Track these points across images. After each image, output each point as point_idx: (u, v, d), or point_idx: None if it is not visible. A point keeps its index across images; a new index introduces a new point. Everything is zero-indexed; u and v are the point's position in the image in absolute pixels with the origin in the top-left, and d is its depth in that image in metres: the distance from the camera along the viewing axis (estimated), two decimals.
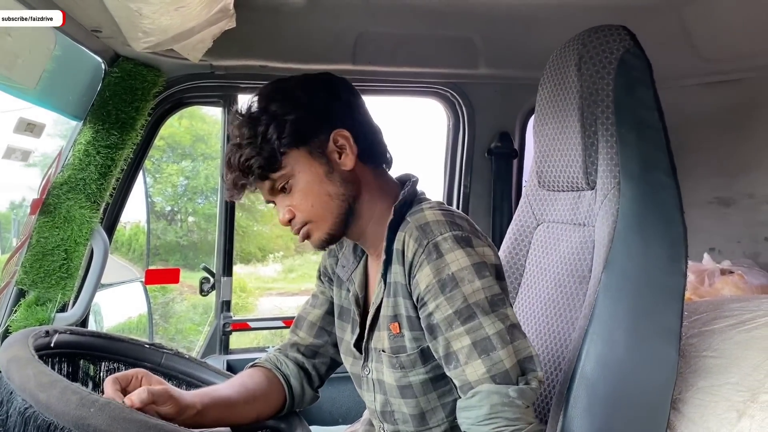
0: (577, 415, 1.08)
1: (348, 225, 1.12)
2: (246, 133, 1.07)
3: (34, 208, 1.60)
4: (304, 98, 1.10)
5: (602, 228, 1.18)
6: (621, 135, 1.19)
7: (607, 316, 1.10)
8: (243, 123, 1.09)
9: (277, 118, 1.07)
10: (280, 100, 1.09)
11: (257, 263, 10.45)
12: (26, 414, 0.90)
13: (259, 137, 1.06)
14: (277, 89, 1.11)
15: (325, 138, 1.10)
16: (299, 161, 1.08)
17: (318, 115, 1.10)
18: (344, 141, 1.10)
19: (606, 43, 1.21)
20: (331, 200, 1.10)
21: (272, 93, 1.11)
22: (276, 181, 1.09)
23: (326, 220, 1.10)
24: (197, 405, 1.04)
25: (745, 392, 1.11)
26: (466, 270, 0.99)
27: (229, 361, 1.99)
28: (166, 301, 7.73)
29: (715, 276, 1.86)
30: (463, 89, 2.13)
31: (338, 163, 1.10)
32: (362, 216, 1.13)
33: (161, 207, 9.66)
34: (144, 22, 1.15)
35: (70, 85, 1.56)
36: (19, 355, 0.98)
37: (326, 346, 1.29)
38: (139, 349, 1.27)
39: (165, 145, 9.12)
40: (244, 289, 8.88)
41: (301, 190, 1.09)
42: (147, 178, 9.11)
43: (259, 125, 1.07)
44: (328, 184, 1.09)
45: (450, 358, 0.99)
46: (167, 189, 9.61)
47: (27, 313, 1.58)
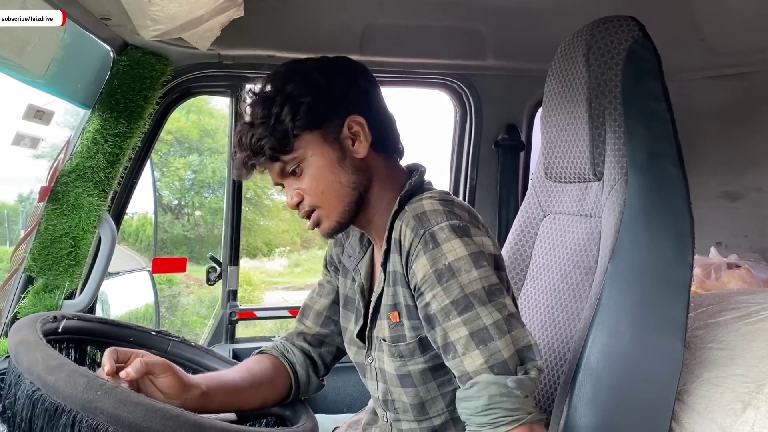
0: (582, 405, 1.09)
1: (357, 214, 1.11)
2: (259, 112, 1.05)
3: (42, 196, 1.61)
4: (322, 81, 1.08)
5: (609, 219, 1.18)
6: (629, 126, 1.18)
7: (612, 307, 1.10)
8: (257, 102, 1.07)
9: (292, 99, 1.05)
10: (297, 81, 1.07)
11: (263, 257, 10.49)
12: (34, 397, 0.91)
13: (273, 117, 1.04)
14: (295, 70, 1.09)
15: (339, 123, 1.08)
16: (312, 145, 1.07)
17: (334, 100, 1.08)
18: (359, 128, 1.09)
19: (614, 34, 1.21)
20: (342, 188, 1.09)
21: (289, 73, 1.09)
22: (287, 164, 1.07)
23: (336, 208, 1.09)
24: (202, 386, 1.05)
25: (751, 383, 1.11)
26: (462, 260, 0.98)
27: (235, 350, 2.00)
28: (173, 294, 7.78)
29: (721, 270, 1.85)
30: (470, 81, 2.12)
31: (351, 150, 1.09)
32: (371, 205, 1.12)
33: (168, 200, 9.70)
34: (153, 9, 1.16)
35: (78, 73, 1.56)
36: (27, 338, 0.99)
37: (332, 336, 1.29)
38: (145, 336, 1.28)
39: (173, 139, 9.15)
40: (250, 282, 8.92)
41: (312, 174, 1.08)
42: (155, 172, 9.16)
43: (274, 105, 1.05)
44: (339, 171, 1.08)
45: (448, 349, 0.98)
46: (174, 183, 9.65)
47: (35, 299, 1.60)
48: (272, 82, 1.08)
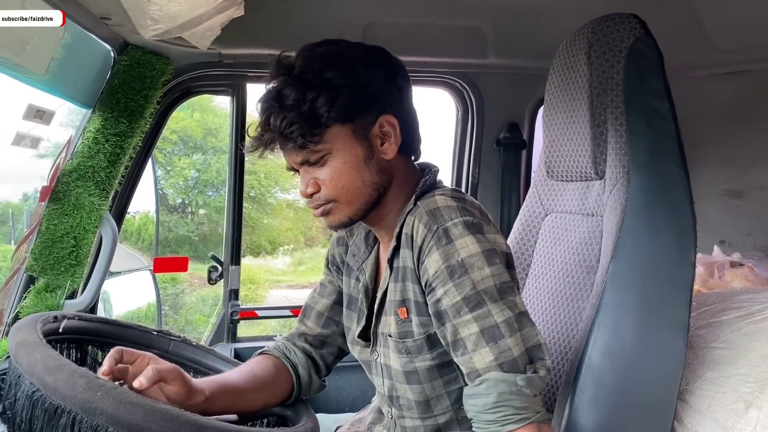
0: (584, 404, 1.08)
1: (369, 212, 1.10)
2: (293, 94, 1.00)
3: (43, 196, 1.61)
4: (364, 74, 1.03)
5: (610, 218, 1.18)
6: (630, 124, 1.18)
7: (614, 306, 1.10)
8: (290, 82, 1.01)
9: (331, 88, 1.00)
10: (338, 68, 1.01)
11: (267, 256, 10.51)
12: (34, 397, 0.91)
13: (307, 103, 0.99)
14: (337, 55, 1.04)
15: (371, 120, 1.05)
16: (341, 138, 1.03)
17: (372, 95, 1.04)
18: (390, 128, 1.06)
19: (616, 32, 1.20)
20: (364, 187, 1.06)
21: (330, 58, 1.03)
22: (312, 154, 1.03)
23: (351, 205, 1.07)
24: (206, 392, 1.05)
25: (753, 383, 1.10)
26: (475, 256, 0.97)
27: (236, 349, 2.00)
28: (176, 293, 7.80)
29: (724, 268, 1.84)
30: (472, 79, 2.12)
31: (379, 150, 1.06)
32: (386, 205, 1.11)
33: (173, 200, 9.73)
34: (152, 9, 1.15)
35: (79, 72, 1.56)
36: (27, 339, 0.98)
37: (334, 336, 1.28)
38: (147, 336, 1.28)
39: (177, 138, 9.17)
40: (253, 281, 8.93)
41: (336, 168, 1.04)
42: (159, 171, 9.13)
43: (309, 90, 1.00)
44: (364, 170, 1.05)
45: (457, 345, 0.98)
46: (179, 182, 9.67)
47: (36, 299, 1.60)
48: (309, 61, 1.02)
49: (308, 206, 1.10)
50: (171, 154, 9.51)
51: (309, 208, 1.12)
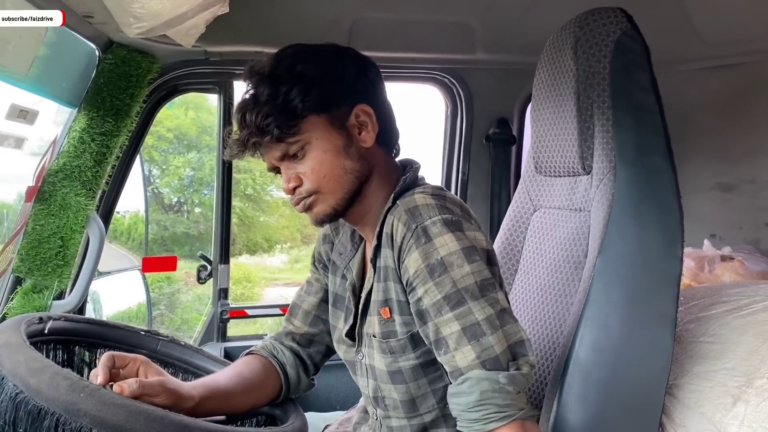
0: (572, 400, 1.08)
1: (352, 205, 1.09)
2: (266, 90, 1.02)
3: (29, 196, 1.60)
4: (335, 65, 1.06)
5: (598, 213, 1.17)
6: (617, 119, 1.17)
7: (601, 301, 1.10)
8: (263, 80, 1.03)
9: (303, 80, 1.02)
10: (309, 62, 1.04)
11: (264, 254, 10.49)
12: (17, 399, 0.90)
13: (281, 97, 1.01)
14: (306, 51, 1.06)
15: (347, 110, 1.06)
16: (318, 128, 1.04)
17: (345, 86, 1.06)
18: (366, 117, 1.08)
19: (602, 26, 1.20)
20: (345, 174, 1.06)
21: (300, 54, 1.06)
22: (291, 146, 1.04)
23: (335, 194, 1.07)
24: (195, 398, 1.03)
25: (741, 377, 1.10)
26: (455, 254, 0.97)
27: (226, 349, 2.00)
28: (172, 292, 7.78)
29: (715, 262, 1.84)
30: (460, 75, 2.11)
31: (357, 139, 1.07)
32: (367, 198, 1.10)
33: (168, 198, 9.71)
34: (134, 6, 1.14)
35: (64, 71, 1.55)
36: (10, 340, 0.98)
37: (321, 335, 1.27)
38: (135, 336, 1.27)
39: (172, 137, 9.15)
40: (249, 279, 8.92)
41: (316, 158, 1.05)
42: (154, 170, 9.09)
43: (282, 84, 1.01)
44: (344, 158, 1.06)
45: (440, 344, 0.98)
46: (174, 181, 9.65)
47: (24, 300, 1.59)
48: (280, 61, 1.05)
49: (291, 202, 1.10)
50: (166, 153, 9.49)
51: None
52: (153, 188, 9.67)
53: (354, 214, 1.12)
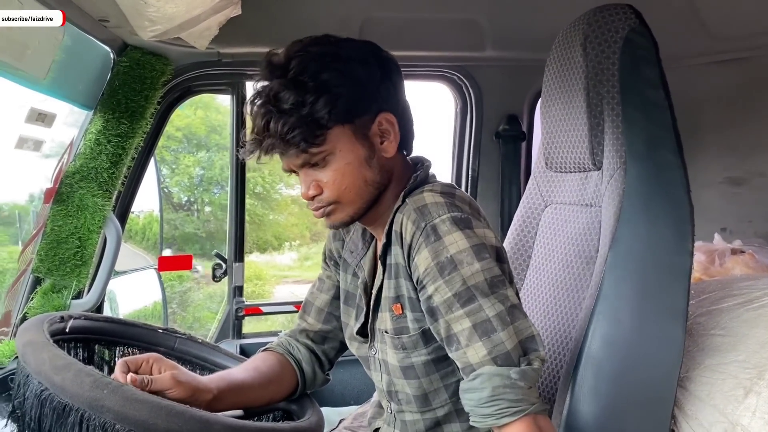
0: (584, 394, 1.09)
1: (369, 210, 1.10)
2: (291, 98, 0.98)
3: (47, 197, 1.62)
4: (361, 73, 1.02)
5: (608, 208, 1.18)
6: (627, 114, 1.18)
7: (613, 296, 1.11)
8: (287, 85, 0.99)
9: (330, 90, 0.99)
10: (335, 69, 1.00)
11: (273, 251, 10.51)
12: (42, 396, 0.92)
13: (307, 107, 0.98)
14: (333, 55, 1.02)
15: (370, 119, 1.05)
16: (342, 139, 1.02)
17: (370, 94, 1.04)
18: (389, 126, 1.06)
19: (611, 23, 1.21)
20: (365, 186, 1.06)
21: (326, 58, 1.01)
22: (313, 156, 1.02)
23: (353, 204, 1.06)
24: (213, 390, 1.05)
25: (752, 369, 1.11)
26: (464, 252, 0.98)
27: (242, 345, 2.02)
28: (184, 290, 7.80)
29: (725, 256, 1.84)
30: (470, 72, 2.12)
31: (379, 149, 1.06)
32: (383, 203, 1.10)
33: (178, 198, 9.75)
34: (149, 11, 1.16)
35: (79, 74, 1.57)
36: (34, 339, 1.00)
37: (335, 331, 1.28)
38: (152, 334, 1.30)
39: (182, 136, 9.18)
40: (260, 277, 8.94)
41: (338, 169, 1.03)
42: (164, 170, 9.08)
43: (308, 93, 0.98)
44: (366, 169, 1.05)
45: (451, 341, 0.99)
46: (184, 180, 9.68)
47: (43, 300, 1.62)
48: (304, 63, 1.00)
49: (309, 208, 1.09)
50: (176, 152, 9.52)
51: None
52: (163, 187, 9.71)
53: (368, 217, 1.12)
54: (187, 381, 1.01)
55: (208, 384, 1.06)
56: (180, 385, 0.99)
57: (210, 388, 1.05)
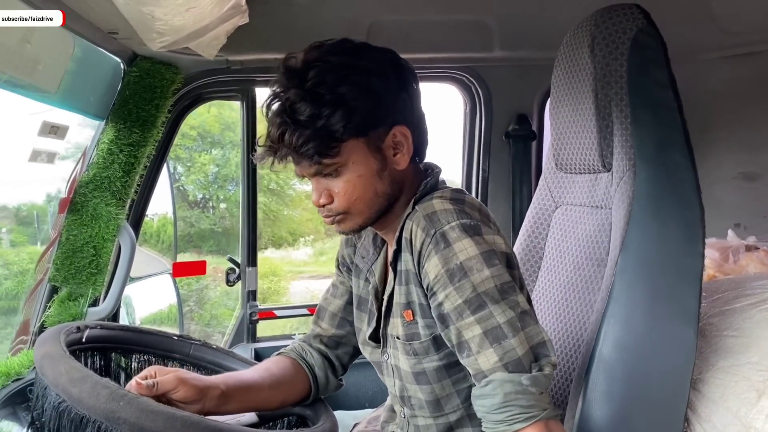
0: (596, 398, 1.09)
1: (379, 219, 1.11)
2: (307, 110, 0.98)
3: (62, 207, 1.65)
4: (379, 86, 1.02)
5: (618, 210, 1.18)
6: (635, 116, 1.18)
7: (624, 298, 1.10)
8: (304, 97, 0.98)
9: (346, 104, 0.99)
10: (353, 82, 1.00)
11: (288, 247, 10.55)
12: (60, 408, 0.94)
13: (323, 120, 0.98)
14: (352, 67, 1.01)
15: (384, 131, 1.05)
16: (356, 152, 1.03)
17: (386, 107, 1.03)
18: (403, 139, 1.06)
19: (619, 23, 1.20)
20: (376, 198, 1.07)
21: (345, 70, 1.00)
22: (326, 167, 1.03)
23: (362, 215, 1.07)
24: (221, 386, 1.06)
25: (765, 372, 1.10)
26: (474, 259, 0.98)
27: (256, 349, 2.04)
28: (200, 288, 7.86)
29: (739, 252, 1.82)
30: (478, 72, 2.11)
31: (392, 161, 1.06)
32: (395, 212, 1.11)
33: (194, 195, 9.82)
34: (157, 24, 1.17)
35: (90, 86, 1.59)
36: (51, 351, 1.02)
37: (348, 336, 1.29)
38: (167, 341, 1.32)
39: (196, 135, 9.23)
40: (275, 273, 8.99)
41: (350, 181, 1.04)
42: (180, 168, 9.10)
43: (325, 106, 0.98)
44: (378, 182, 1.06)
45: (462, 347, 0.99)
46: (200, 178, 9.74)
47: (60, 308, 1.64)
48: (323, 74, 0.99)
49: (320, 214, 1.10)
50: (191, 150, 9.58)
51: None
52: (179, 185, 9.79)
53: (380, 223, 1.13)
54: (192, 378, 1.03)
55: (215, 381, 1.07)
56: (185, 384, 1.00)
57: (217, 384, 1.06)
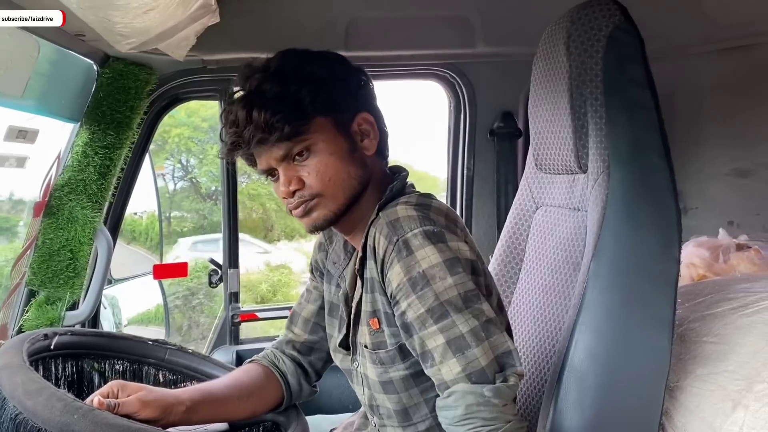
0: (567, 407, 1.06)
1: (347, 212, 1.08)
2: (274, 88, 1.00)
3: (37, 211, 1.64)
4: (342, 70, 1.08)
5: (593, 214, 1.15)
6: (610, 116, 1.14)
7: (596, 306, 1.07)
8: (270, 77, 1.02)
9: (313, 81, 1.02)
10: (318, 63, 1.05)
11: (301, 239, 10.62)
12: (17, 420, 0.93)
13: (290, 96, 1.00)
14: (313, 54, 1.08)
15: (351, 116, 1.07)
16: (325, 131, 1.04)
17: (350, 92, 1.08)
18: (369, 126, 1.09)
19: (594, 20, 1.16)
20: (349, 179, 1.06)
21: (308, 56, 1.07)
22: (296, 146, 1.02)
23: (336, 199, 1.06)
24: (186, 402, 1.05)
25: (741, 381, 1.07)
26: (437, 267, 0.96)
27: (238, 352, 2.03)
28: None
29: (730, 252, 1.78)
30: (462, 69, 2.08)
31: (360, 146, 1.08)
32: (360, 207, 1.09)
33: (207, 187, 9.89)
34: (118, 27, 1.15)
35: (62, 88, 1.57)
36: (10, 362, 1.01)
37: (321, 342, 1.28)
38: (142, 346, 1.31)
39: (208, 127, 9.29)
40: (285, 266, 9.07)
41: (322, 160, 1.04)
42: (192, 160, 9.15)
43: (291, 83, 1.01)
44: (349, 162, 1.06)
45: (426, 357, 0.98)
46: (211, 170, 9.80)
47: (38, 312, 1.64)
48: (287, 60, 1.05)
49: (288, 207, 1.07)
50: (203, 143, 9.62)
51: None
52: (192, 178, 9.87)
53: (346, 223, 1.11)
54: (155, 400, 1.01)
55: (179, 396, 1.06)
56: (147, 406, 0.99)
57: (182, 400, 1.05)
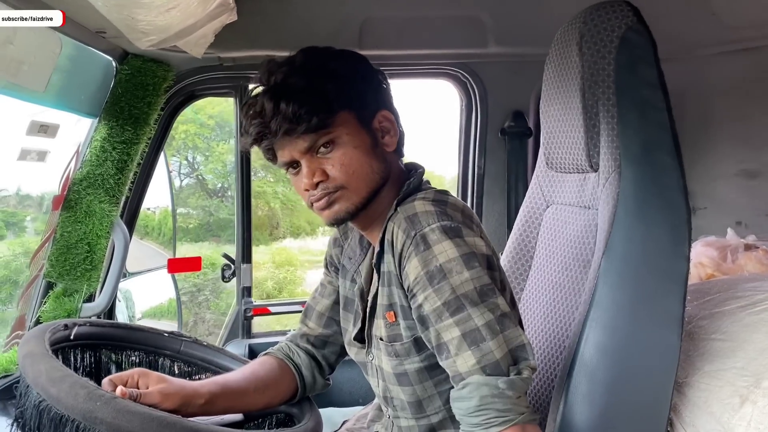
0: (577, 402, 1.08)
1: (367, 206, 1.10)
2: (300, 82, 1.03)
3: (56, 204, 1.66)
4: (364, 69, 1.11)
5: (604, 212, 1.16)
6: (622, 116, 1.15)
7: (606, 302, 1.09)
8: (295, 71, 1.04)
9: (337, 77, 1.05)
10: (341, 60, 1.08)
11: (306, 237, 10.60)
12: (40, 407, 0.95)
13: (316, 90, 1.03)
14: (336, 51, 1.10)
15: (372, 113, 1.10)
16: (349, 125, 1.06)
17: (373, 89, 1.11)
18: (389, 123, 1.12)
19: (608, 21, 1.18)
20: (372, 173, 1.08)
21: (331, 53, 1.10)
22: (320, 138, 1.04)
23: (359, 192, 1.07)
24: (205, 395, 1.07)
25: (750, 377, 1.08)
26: (454, 261, 0.98)
27: (251, 345, 2.05)
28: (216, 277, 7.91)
29: (738, 252, 1.79)
30: (473, 69, 2.10)
31: (381, 142, 1.11)
32: (379, 202, 1.11)
33: (213, 184, 9.88)
34: (140, 24, 1.17)
35: (82, 84, 1.60)
36: (33, 350, 1.03)
37: (335, 336, 1.30)
38: (158, 338, 1.33)
39: (214, 124, 9.29)
40: (291, 263, 9.06)
41: (346, 153, 1.06)
42: (198, 157, 9.09)
43: (317, 78, 1.03)
44: (372, 157, 1.08)
45: (441, 349, 0.99)
46: (218, 167, 9.80)
47: (56, 304, 1.67)
48: (310, 55, 1.07)
49: (311, 199, 1.08)
50: (209, 140, 9.63)
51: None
52: (198, 175, 9.88)
53: (364, 217, 1.13)
54: (175, 392, 1.03)
55: (199, 389, 1.08)
56: (168, 398, 1.01)
57: (201, 393, 1.07)
